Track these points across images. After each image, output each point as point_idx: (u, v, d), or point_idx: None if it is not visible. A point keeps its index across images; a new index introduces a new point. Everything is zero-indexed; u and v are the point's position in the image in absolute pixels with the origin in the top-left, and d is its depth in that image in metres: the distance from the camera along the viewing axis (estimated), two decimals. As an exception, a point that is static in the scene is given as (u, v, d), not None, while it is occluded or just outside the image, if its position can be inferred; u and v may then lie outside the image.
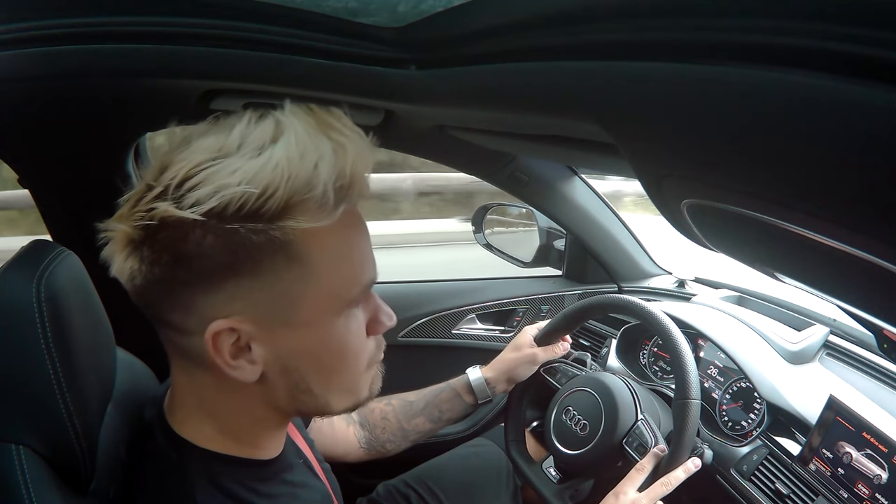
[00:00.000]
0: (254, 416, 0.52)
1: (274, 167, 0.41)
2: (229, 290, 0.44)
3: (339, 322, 0.49)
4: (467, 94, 0.59)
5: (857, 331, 0.93)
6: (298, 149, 0.42)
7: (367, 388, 0.55)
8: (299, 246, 0.44)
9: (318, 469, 0.68)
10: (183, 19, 0.60)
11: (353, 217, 0.49)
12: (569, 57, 0.42)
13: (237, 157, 0.43)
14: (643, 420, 0.84)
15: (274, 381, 0.49)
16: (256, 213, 0.42)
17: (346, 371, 0.52)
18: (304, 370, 0.49)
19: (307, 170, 0.42)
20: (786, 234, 0.34)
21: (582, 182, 1.22)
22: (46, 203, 0.88)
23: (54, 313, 0.47)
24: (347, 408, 0.54)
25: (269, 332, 0.46)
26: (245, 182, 0.41)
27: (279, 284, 0.45)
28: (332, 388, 0.52)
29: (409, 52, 0.60)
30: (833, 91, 0.24)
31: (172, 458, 0.51)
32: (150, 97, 0.72)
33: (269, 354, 0.47)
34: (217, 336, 0.45)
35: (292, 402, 0.51)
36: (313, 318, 0.47)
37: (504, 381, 0.96)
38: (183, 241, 0.43)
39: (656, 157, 0.43)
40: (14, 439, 0.46)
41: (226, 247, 0.43)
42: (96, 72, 0.65)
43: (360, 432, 0.92)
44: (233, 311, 0.45)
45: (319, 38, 0.60)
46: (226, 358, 0.46)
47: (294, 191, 0.42)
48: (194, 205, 0.41)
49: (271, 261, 0.44)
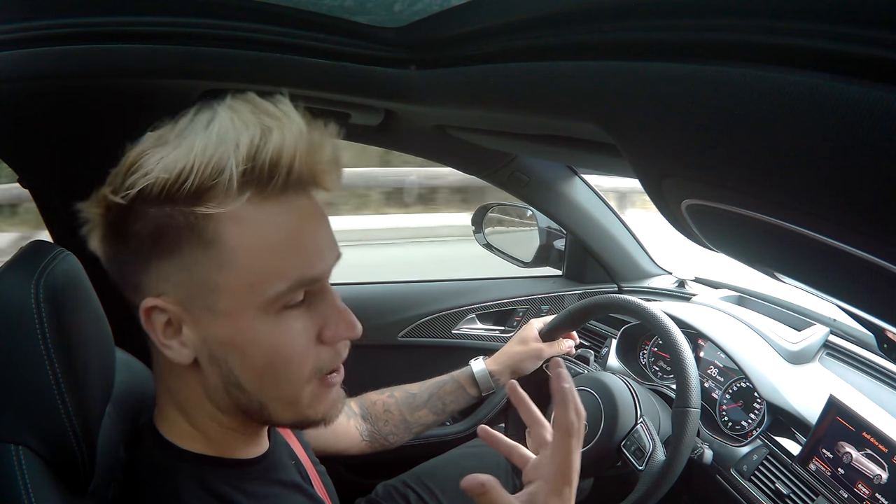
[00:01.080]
0: (206, 410, 0.52)
1: (187, 153, 0.44)
2: (155, 270, 0.47)
3: (269, 320, 0.47)
4: (467, 94, 0.59)
5: (857, 331, 0.93)
6: (219, 136, 0.44)
7: (315, 404, 0.51)
8: (212, 231, 0.45)
9: (312, 472, 0.67)
10: (183, 19, 0.60)
11: (285, 206, 0.47)
12: (569, 57, 0.42)
13: (169, 146, 0.45)
14: (643, 423, 0.84)
15: (206, 369, 0.49)
16: (173, 197, 0.44)
17: (279, 375, 0.49)
18: (231, 363, 0.48)
19: (220, 156, 0.43)
20: (786, 234, 0.34)
21: (582, 182, 1.22)
22: (46, 203, 0.88)
23: (53, 314, 0.47)
24: (290, 420, 0.52)
25: (194, 316, 0.47)
26: (165, 168, 0.44)
27: (196, 268, 0.46)
28: (265, 391, 0.49)
29: (409, 52, 0.60)
30: (834, 91, 0.24)
31: (159, 461, 0.51)
32: (149, 97, 0.72)
33: (197, 339, 0.48)
34: (148, 312, 0.47)
35: (227, 397, 0.50)
36: (234, 309, 0.47)
37: (508, 374, 0.96)
38: (122, 223, 0.46)
39: (656, 157, 0.43)
40: (13, 440, 0.46)
41: (150, 229, 0.45)
42: (96, 72, 0.65)
43: (362, 425, 0.91)
44: (161, 291, 0.47)
45: (319, 37, 0.60)
46: (159, 335, 0.48)
47: (203, 176, 0.43)
48: (127, 189, 0.45)
49: (188, 243, 0.45)
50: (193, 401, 0.52)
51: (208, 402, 0.51)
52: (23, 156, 0.82)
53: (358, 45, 0.60)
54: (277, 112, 0.46)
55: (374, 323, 1.27)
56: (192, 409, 0.52)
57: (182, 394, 0.52)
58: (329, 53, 0.61)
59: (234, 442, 0.54)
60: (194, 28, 0.60)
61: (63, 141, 0.80)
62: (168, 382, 0.52)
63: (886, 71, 0.23)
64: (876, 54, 0.23)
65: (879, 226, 0.27)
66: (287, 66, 0.63)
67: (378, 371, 1.03)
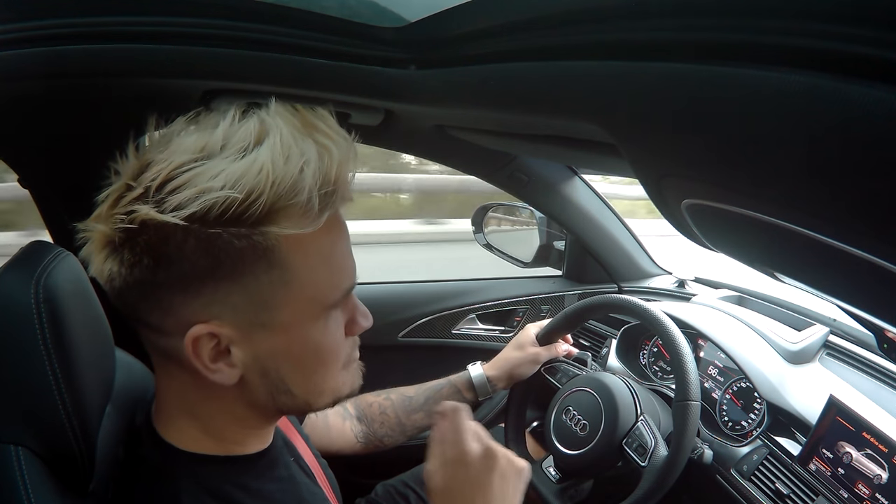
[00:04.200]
0: (235, 416, 0.52)
1: (259, 171, 0.40)
2: (209, 293, 0.44)
3: (319, 325, 0.49)
4: (467, 94, 0.59)
5: (857, 331, 0.93)
6: (283, 152, 0.41)
7: (347, 385, 0.55)
8: (281, 252, 0.44)
9: (314, 466, 0.67)
10: (183, 19, 0.60)
11: (335, 222, 0.48)
12: (568, 57, 0.42)
13: (220, 158, 0.42)
14: (643, 420, 0.84)
15: (253, 383, 0.49)
16: (239, 217, 0.41)
17: (324, 371, 0.52)
18: (283, 372, 0.49)
19: (292, 174, 0.41)
20: (786, 233, 0.34)
21: (582, 182, 1.22)
22: (46, 203, 0.88)
23: (53, 314, 0.47)
24: (328, 404, 0.55)
25: (247, 335, 0.46)
26: (228, 186, 0.40)
27: (259, 289, 0.44)
28: (311, 388, 0.52)
29: (409, 51, 0.60)
30: (834, 91, 0.24)
31: (159, 463, 0.51)
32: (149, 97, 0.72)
33: (248, 358, 0.47)
34: (197, 341, 0.45)
35: (272, 403, 0.51)
36: (292, 322, 0.47)
37: (505, 379, 0.96)
38: (164, 245, 0.42)
39: (656, 157, 0.43)
40: (13, 440, 0.46)
41: (207, 251, 0.42)
42: (96, 72, 0.65)
43: (357, 427, 0.92)
44: (211, 315, 0.44)
45: (319, 37, 0.60)
46: (205, 362, 0.46)
47: (279, 196, 0.41)
48: (176, 208, 0.40)
49: (252, 266, 0.43)
50: (218, 409, 0.51)
51: (242, 409, 0.51)
52: (23, 156, 0.82)
53: (358, 45, 0.60)
54: (326, 128, 0.45)
55: (374, 323, 1.27)
56: (211, 415, 0.51)
57: (205, 404, 0.51)
58: (329, 53, 0.61)
59: (247, 439, 0.55)
60: (194, 28, 0.60)
61: (63, 141, 0.79)
62: (187, 395, 0.50)
63: (886, 71, 0.23)
64: (876, 54, 0.23)
65: (879, 225, 0.27)
66: (287, 66, 0.62)
67: (378, 371, 1.03)
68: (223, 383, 0.47)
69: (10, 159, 0.82)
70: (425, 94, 0.64)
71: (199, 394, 0.50)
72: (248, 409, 0.51)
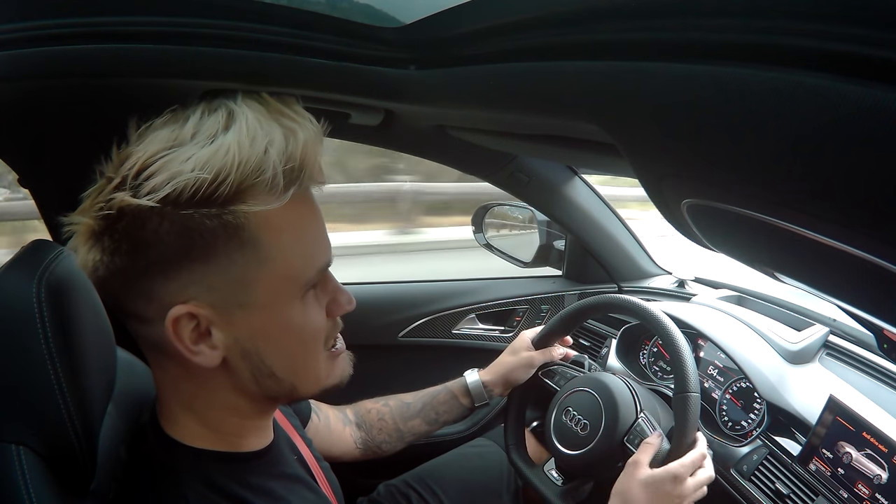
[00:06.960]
0: (228, 405, 0.52)
1: (225, 153, 0.43)
2: (185, 275, 0.45)
3: (296, 304, 0.50)
4: (467, 94, 0.59)
5: (857, 331, 0.93)
6: (249, 134, 0.44)
7: (331, 371, 0.56)
8: (251, 230, 0.45)
9: (315, 468, 0.68)
10: (183, 19, 0.60)
11: (305, 201, 0.50)
12: (569, 57, 0.42)
13: (191, 145, 0.44)
14: (643, 417, 0.84)
15: (236, 365, 0.50)
16: (209, 198, 0.43)
17: (305, 353, 0.53)
18: (263, 353, 0.50)
19: (257, 154, 0.44)
20: (786, 234, 0.34)
21: (582, 182, 1.22)
22: (46, 203, 0.88)
23: (54, 313, 0.47)
24: (314, 392, 0.55)
25: (226, 315, 0.47)
26: (198, 168, 0.43)
27: (233, 268, 0.46)
28: (294, 371, 0.52)
29: (409, 52, 0.60)
30: (834, 91, 0.24)
31: (163, 459, 0.51)
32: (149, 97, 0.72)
33: (228, 339, 0.48)
34: (177, 322, 0.46)
35: (258, 388, 0.52)
36: (269, 301, 0.48)
37: (501, 385, 0.96)
38: (141, 229, 0.44)
39: (656, 157, 0.43)
40: (14, 440, 0.46)
41: (181, 233, 0.44)
42: (96, 72, 0.65)
43: (357, 433, 0.92)
44: (189, 297, 0.46)
45: (319, 37, 0.60)
46: (186, 343, 0.47)
47: (245, 175, 0.43)
48: (150, 192, 0.43)
49: (225, 245, 0.45)
50: (210, 399, 0.52)
51: (233, 396, 0.52)
52: (23, 156, 0.82)
53: (358, 45, 0.60)
54: (292, 112, 0.47)
55: (374, 323, 1.27)
56: (207, 407, 0.52)
57: (197, 395, 0.52)
58: (329, 53, 0.61)
59: (247, 433, 0.55)
60: (194, 28, 0.60)
61: (62, 141, 0.80)
62: (180, 386, 0.52)
63: (886, 71, 0.23)
64: (876, 54, 0.23)
65: (879, 225, 0.27)
66: (287, 66, 0.62)
67: (378, 371, 1.03)
68: (206, 365, 0.48)
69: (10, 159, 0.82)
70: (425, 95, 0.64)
71: (190, 383, 0.51)
72: (238, 396, 0.52)
